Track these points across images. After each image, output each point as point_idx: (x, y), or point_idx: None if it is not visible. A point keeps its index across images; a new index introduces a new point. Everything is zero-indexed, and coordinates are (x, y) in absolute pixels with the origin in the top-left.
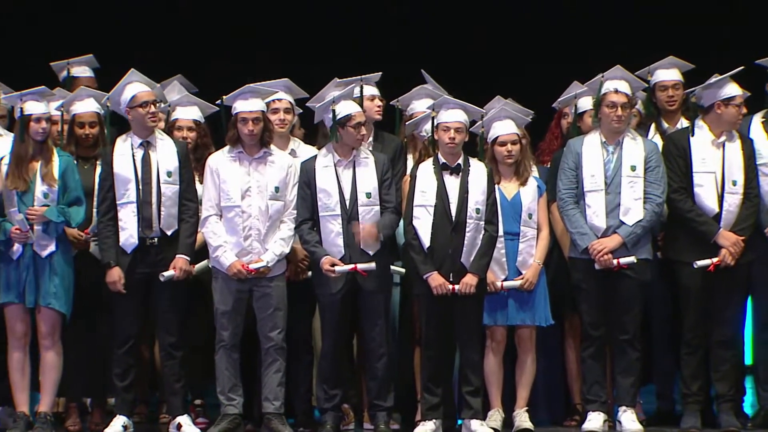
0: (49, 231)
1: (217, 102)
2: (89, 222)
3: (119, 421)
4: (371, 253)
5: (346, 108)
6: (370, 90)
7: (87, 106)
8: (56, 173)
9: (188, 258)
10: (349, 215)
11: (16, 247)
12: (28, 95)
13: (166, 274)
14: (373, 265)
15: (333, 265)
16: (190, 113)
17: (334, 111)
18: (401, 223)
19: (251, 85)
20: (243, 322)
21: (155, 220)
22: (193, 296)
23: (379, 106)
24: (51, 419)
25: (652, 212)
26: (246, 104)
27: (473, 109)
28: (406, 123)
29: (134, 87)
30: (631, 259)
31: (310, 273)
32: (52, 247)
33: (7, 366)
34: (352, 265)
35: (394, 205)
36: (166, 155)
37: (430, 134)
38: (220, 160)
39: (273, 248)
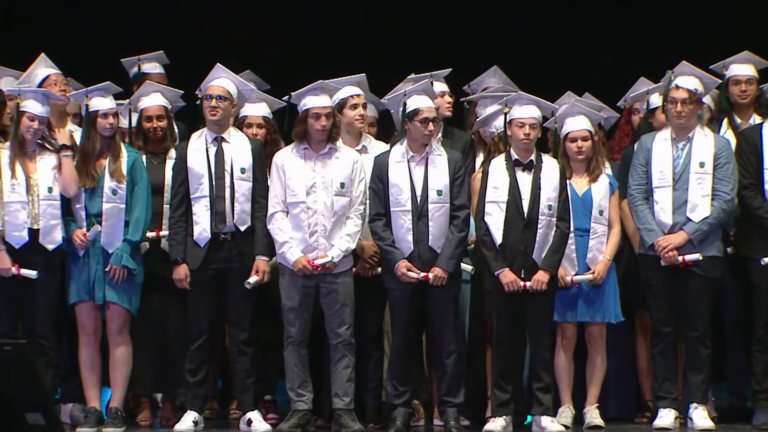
0: (113, 235)
1: (284, 98)
2: (161, 216)
3: (190, 417)
4: (439, 250)
5: (415, 102)
6: (440, 86)
7: (154, 100)
8: (125, 169)
9: (268, 259)
10: (419, 212)
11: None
12: (94, 91)
13: (252, 280)
14: (444, 277)
15: (409, 270)
16: (259, 110)
17: (405, 104)
18: (472, 219)
19: (322, 81)
20: (310, 318)
21: (228, 215)
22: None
23: (449, 102)
24: (122, 414)
25: (719, 209)
26: (318, 100)
27: (546, 105)
28: (476, 119)
29: (211, 80)
30: (697, 256)
31: (379, 269)
32: (119, 243)
33: (78, 363)
34: (424, 274)
35: (462, 204)
36: (239, 151)
37: (499, 130)
38: (285, 157)
39: (339, 244)
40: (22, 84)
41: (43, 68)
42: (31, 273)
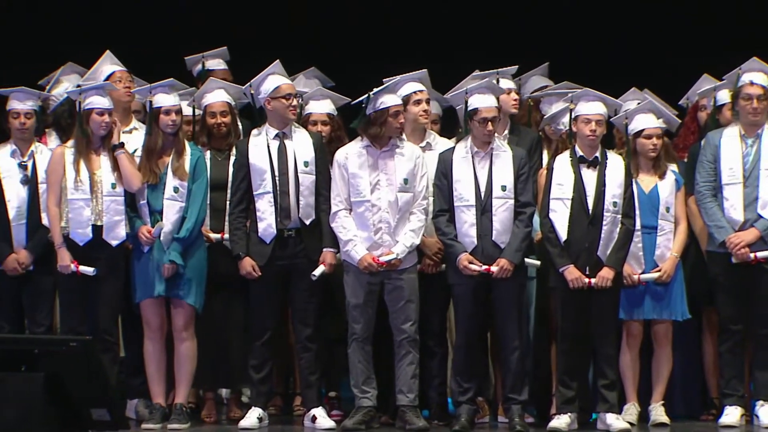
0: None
1: (361, 98)
2: (223, 213)
3: (255, 413)
4: (503, 245)
5: (475, 101)
6: (507, 83)
7: (217, 96)
8: (188, 167)
9: (335, 251)
10: (483, 207)
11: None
12: (158, 88)
13: (317, 272)
14: (510, 269)
15: (471, 263)
16: (323, 107)
17: (466, 102)
18: (536, 216)
19: (392, 79)
20: (375, 314)
21: (293, 210)
22: (328, 289)
23: (515, 100)
24: (187, 410)
25: None
26: (396, 99)
27: (612, 102)
28: (541, 116)
29: (277, 78)
30: None
31: (443, 266)
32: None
33: (143, 359)
34: (485, 267)
35: (527, 201)
36: (302, 146)
37: (567, 127)
38: (347, 155)
39: (403, 240)
40: (87, 80)
41: (108, 65)
42: (89, 270)
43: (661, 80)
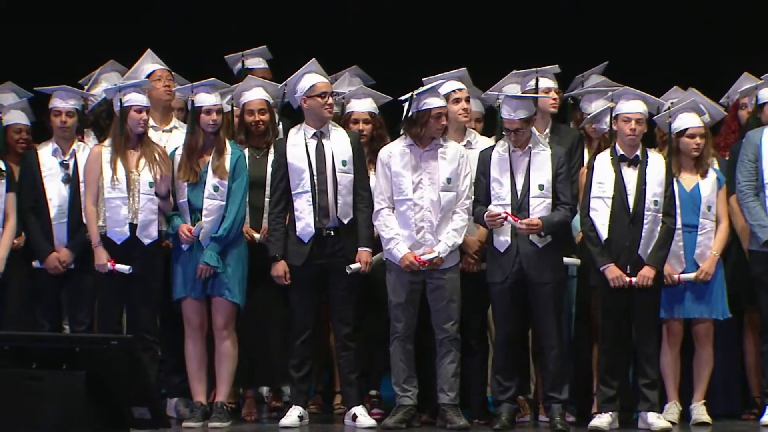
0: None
1: (404, 97)
2: (262, 211)
3: (295, 412)
4: (539, 245)
5: (504, 112)
6: (547, 82)
7: (255, 94)
8: (228, 166)
9: (371, 251)
10: (519, 206)
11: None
12: (199, 87)
13: (353, 267)
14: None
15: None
16: (365, 105)
17: (498, 107)
18: (577, 215)
19: (431, 79)
20: (417, 313)
21: (332, 208)
22: (369, 288)
23: (554, 99)
24: (227, 409)
25: None
26: (439, 101)
27: (652, 100)
28: (586, 117)
29: (313, 77)
30: None
31: (484, 265)
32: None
33: (183, 357)
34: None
35: (567, 200)
36: (339, 145)
37: (608, 126)
38: (390, 154)
39: (445, 239)
40: (128, 79)
41: (149, 63)
42: (125, 268)
43: (702, 79)
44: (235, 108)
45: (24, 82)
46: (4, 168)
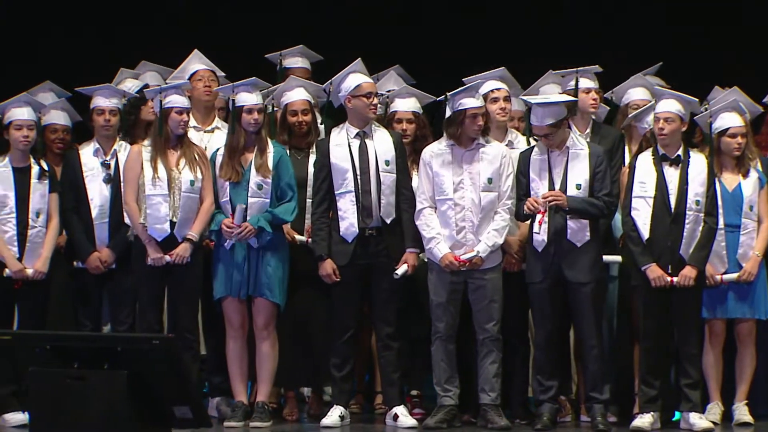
0: (259, 234)
1: (440, 98)
2: (303, 211)
3: (336, 411)
4: (578, 244)
5: (533, 119)
6: (587, 83)
7: (298, 94)
8: (270, 164)
9: (417, 251)
10: (557, 206)
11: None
12: (241, 86)
13: (400, 271)
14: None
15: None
16: (408, 105)
17: (529, 110)
18: (618, 214)
19: (471, 78)
20: (458, 313)
21: (375, 208)
22: (410, 288)
23: (594, 99)
24: (269, 409)
25: None
26: (474, 101)
27: (688, 99)
28: (629, 115)
29: (359, 77)
30: None
31: (524, 265)
32: (263, 239)
33: (224, 357)
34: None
35: (603, 195)
36: (382, 144)
37: (651, 126)
38: (432, 154)
39: (486, 239)
40: (174, 79)
41: (194, 63)
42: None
43: (744, 78)
44: (276, 108)
45: (62, 83)
46: (46, 168)
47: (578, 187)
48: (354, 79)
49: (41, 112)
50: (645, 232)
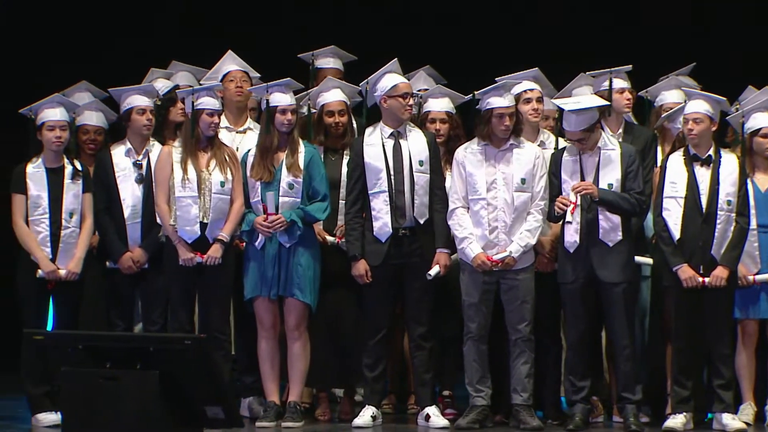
0: (290, 230)
1: (468, 96)
2: (336, 212)
3: (368, 411)
4: (611, 244)
5: (565, 124)
6: (620, 83)
7: (335, 95)
8: (302, 164)
9: (449, 252)
10: (588, 205)
11: (260, 238)
12: (274, 86)
13: (432, 272)
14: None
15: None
16: (442, 105)
17: (562, 112)
18: (650, 214)
19: (504, 80)
20: (490, 313)
21: (408, 208)
22: (443, 288)
23: (628, 99)
24: (300, 409)
25: None
26: (502, 100)
27: (717, 99)
28: (661, 116)
29: (395, 77)
30: None
31: (556, 265)
32: (295, 237)
33: (255, 357)
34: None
35: (635, 193)
36: (416, 145)
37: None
38: (465, 154)
39: (518, 240)
40: (208, 79)
41: (227, 64)
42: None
43: None
44: (313, 110)
45: (96, 83)
46: (80, 168)
47: (610, 186)
48: (390, 79)
49: (75, 113)
50: (676, 232)
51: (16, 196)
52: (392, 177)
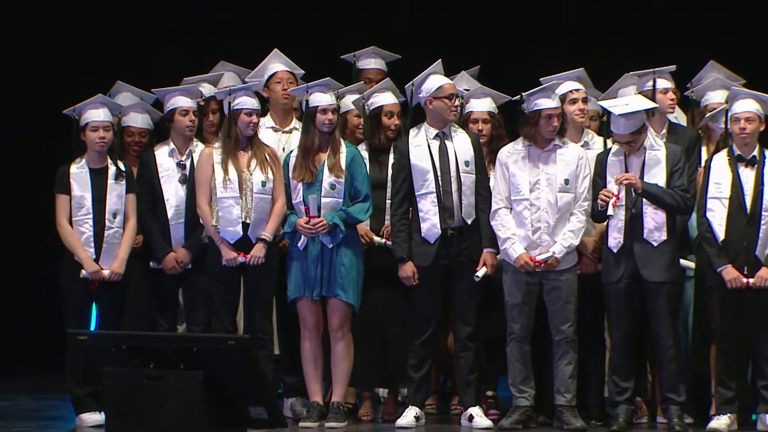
0: (332, 232)
1: (515, 97)
2: (383, 212)
3: (412, 412)
4: (655, 244)
5: (613, 127)
6: (664, 83)
7: (391, 97)
8: (343, 164)
9: (495, 251)
10: (634, 204)
11: (302, 239)
12: (314, 87)
13: (480, 273)
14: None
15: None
16: (484, 105)
17: (608, 117)
18: (694, 215)
19: (549, 81)
20: (534, 314)
21: (456, 209)
22: (487, 288)
23: (672, 99)
24: (344, 409)
25: None
26: (549, 102)
27: (764, 99)
28: (705, 115)
29: (440, 78)
30: None
31: (600, 265)
32: (338, 237)
33: (299, 357)
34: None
35: (683, 188)
36: (461, 145)
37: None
38: (509, 154)
39: (561, 240)
40: (253, 78)
41: (273, 64)
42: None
43: None
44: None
45: (138, 84)
46: (123, 169)
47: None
48: (436, 80)
49: (121, 113)
50: (720, 233)
51: (60, 196)
52: (439, 178)
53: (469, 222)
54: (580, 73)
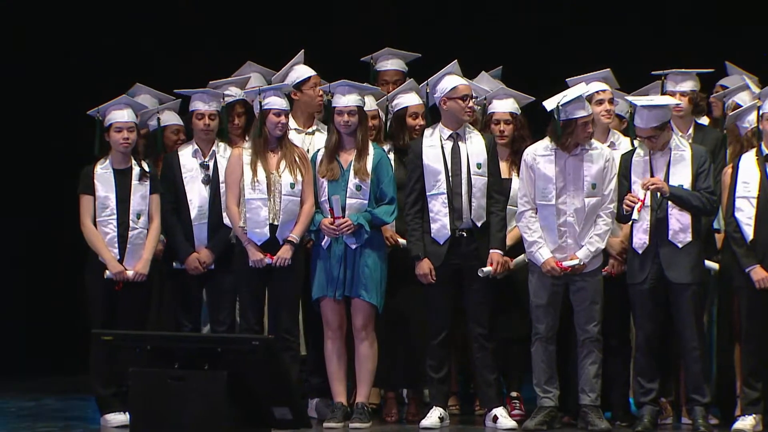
0: (357, 233)
1: (550, 108)
2: (402, 212)
3: (435, 413)
4: (680, 245)
5: (638, 121)
6: (689, 85)
7: (414, 98)
8: (369, 167)
9: (502, 252)
10: (659, 206)
11: (326, 238)
12: (335, 87)
13: (485, 270)
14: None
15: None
16: (506, 105)
17: (632, 113)
18: (719, 213)
19: (574, 80)
20: (559, 315)
21: (466, 211)
22: (511, 289)
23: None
24: (368, 410)
25: None
26: (583, 110)
27: None
28: (729, 114)
29: (455, 79)
30: None
31: (625, 266)
32: (361, 238)
33: (324, 358)
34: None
35: (709, 190)
36: (475, 147)
37: (753, 125)
38: (535, 156)
39: (588, 244)
40: (278, 78)
41: (304, 67)
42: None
43: None
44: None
45: (158, 86)
46: (147, 170)
47: (680, 187)
48: (450, 81)
49: (159, 112)
50: (749, 233)
51: (84, 197)
52: (450, 179)
53: (479, 224)
54: (606, 74)
